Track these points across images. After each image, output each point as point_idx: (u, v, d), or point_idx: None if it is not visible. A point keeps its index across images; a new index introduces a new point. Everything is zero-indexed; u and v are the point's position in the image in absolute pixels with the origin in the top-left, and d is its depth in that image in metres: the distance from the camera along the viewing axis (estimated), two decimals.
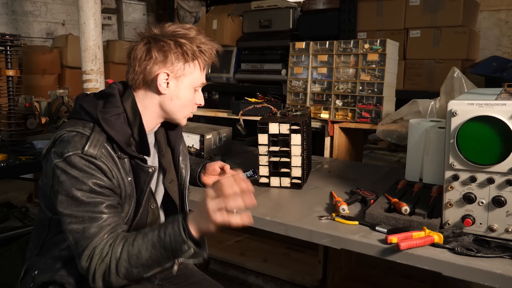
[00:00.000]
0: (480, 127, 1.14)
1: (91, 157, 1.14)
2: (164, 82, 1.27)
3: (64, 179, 1.13)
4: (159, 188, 1.43)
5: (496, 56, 3.29)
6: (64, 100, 2.62)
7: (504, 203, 1.14)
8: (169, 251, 1.09)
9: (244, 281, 2.54)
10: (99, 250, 1.11)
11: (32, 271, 1.25)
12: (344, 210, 1.36)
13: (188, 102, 1.33)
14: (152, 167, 1.27)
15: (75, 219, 1.12)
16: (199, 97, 1.37)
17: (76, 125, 1.20)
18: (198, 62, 1.31)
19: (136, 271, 1.12)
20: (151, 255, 1.10)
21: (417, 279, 2.41)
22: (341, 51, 2.23)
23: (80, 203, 1.12)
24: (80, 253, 1.12)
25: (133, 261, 1.10)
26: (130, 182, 1.24)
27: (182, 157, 1.48)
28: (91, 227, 1.11)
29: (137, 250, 1.10)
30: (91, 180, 1.13)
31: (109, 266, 1.10)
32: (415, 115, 2.02)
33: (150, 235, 1.12)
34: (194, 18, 5.49)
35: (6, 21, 4.76)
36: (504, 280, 1.01)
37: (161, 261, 1.11)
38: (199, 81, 1.33)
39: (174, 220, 1.11)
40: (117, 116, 1.24)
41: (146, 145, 1.28)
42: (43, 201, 1.28)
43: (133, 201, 1.26)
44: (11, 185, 3.78)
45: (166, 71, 1.26)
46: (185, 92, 1.31)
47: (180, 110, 1.33)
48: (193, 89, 1.33)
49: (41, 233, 1.28)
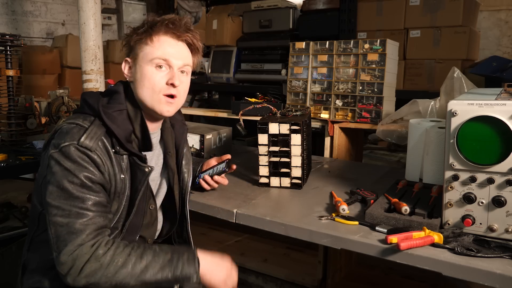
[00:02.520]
0: (480, 127, 1.14)
1: (86, 148, 1.14)
2: (126, 68, 1.31)
3: (56, 170, 1.13)
4: (161, 190, 1.42)
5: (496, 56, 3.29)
6: (64, 100, 2.62)
7: (504, 203, 1.14)
8: (177, 276, 1.14)
9: (244, 281, 2.54)
10: (90, 249, 1.09)
11: (28, 270, 1.26)
12: (344, 210, 1.36)
13: (151, 81, 1.25)
14: (148, 167, 1.26)
15: (61, 211, 1.11)
16: (170, 75, 1.26)
17: (77, 118, 1.21)
18: (151, 35, 1.26)
19: (132, 283, 1.11)
20: (156, 276, 1.13)
21: (417, 279, 2.41)
22: (341, 51, 2.23)
23: (69, 196, 1.11)
24: (61, 248, 1.09)
25: (135, 274, 1.11)
26: (122, 179, 1.22)
27: (185, 161, 1.46)
28: (76, 223, 1.10)
29: (145, 265, 1.12)
30: (83, 173, 1.13)
31: (105, 268, 1.09)
32: (415, 115, 2.02)
33: (162, 256, 1.15)
34: (194, 18, 5.49)
35: (6, 21, 4.76)
36: (504, 280, 1.01)
37: (162, 283, 1.14)
38: (153, 54, 1.25)
39: (189, 251, 1.20)
40: (120, 112, 1.24)
41: (149, 141, 1.28)
42: (36, 196, 1.28)
43: (124, 200, 1.24)
44: (11, 185, 3.78)
45: (126, 58, 1.31)
46: (143, 70, 1.25)
47: (148, 94, 1.25)
48: (152, 66, 1.25)
49: (31, 229, 1.28)
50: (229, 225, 1.62)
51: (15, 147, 2.31)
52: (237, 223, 1.45)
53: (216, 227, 2.98)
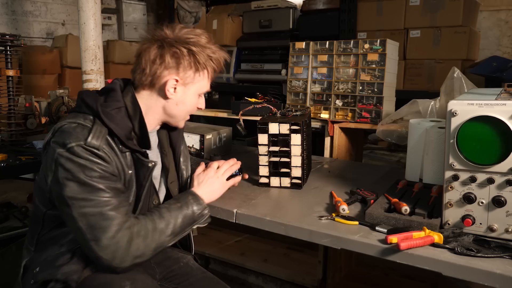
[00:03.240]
0: (480, 127, 1.14)
1: (94, 148, 1.16)
2: (172, 87, 1.30)
3: (70, 166, 1.14)
4: (161, 188, 1.44)
5: (496, 56, 3.29)
6: (64, 100, 2.62)
7: (504, 203, 1.14)
8: (193, 217, 1.31)
9: (244, 281, 2.54)
10: (128, 230, 1.15)
11: (32, 268, 1.25)
12: (344, 210, 1.36)
13: (192, 108, 1.38)
14: (152, 162, 1.29)
15: (89, 202, 1.13)
16: (201, 101, 1.41)
17: (77, 117, 1.21)
18: (207, 71, 1.34)
19: (167, 240, 1.23)
20: (180, 225, 1.26)
21: (417, 279, 2.41)
22: (341, 51, 2.23)
23: (92, 189, 1.14)
24: (99, 235, 1.12)
25: (164, 232, 1.22)
26: (130, 175, 1.26)
27: (183, 158, 1.49)
28: (107, 210, 1.14)
29: (167, 221, 1.24)
30: (97, 166, 1.16)
31: (145, 240, 1.17)
32: (415, 115, 2.02)
33: (174, 208, 1.28)
34: (194, 18, 5.48)
35: (6, 21, 4.76)
36: (504, 280, 1.01)
37: (185, 228, 1.29)
38: (205, 88, 1.37)
39: (190, 194, 1.35)
40: (118, 110, 1.25)
41: (147, 139, 1.30)
42: (38, 197, 1.28)
43: (132, 195, 1.27)
44: (11, 185, 3.77)
45: (176, 78, 1.29)
46: (191, 98, 1.35)
47: (182, 115, 1.37)
48: (198, 96, 1.37)
49: (36, 229, 1.29)
50: (229, 225, 1.62)
51: (15, 147, 2.31)
52: (237, 223, 1.45)
53: (216, 227, 2.98)
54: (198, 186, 1.40)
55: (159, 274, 1.47)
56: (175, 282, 1.46)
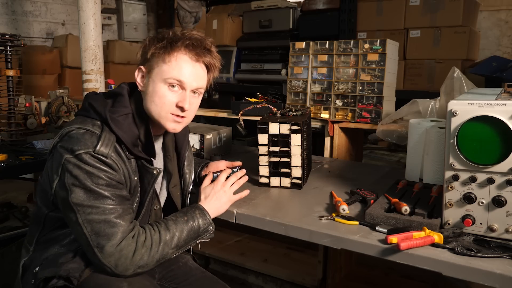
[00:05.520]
0: (480, 127, 1.14)
1: (102, 155, 1.16)
2: (139, 77, 1.28)
3: (78, 173, 1.14)
4: (162, 191, 1.44)
5: (496, 56, 3.29)
6: (64, 100, 2.62)
7: (504, 203, 1.14)
8: (198, 231, 1.30)
9: (244, 281, 2.54)
10: (133, 239, 1.15)
11: (32, 268, 1.25)
12: (344, 210, 1.36)
13: (161, 100, 1.24)
14: (157, 169, 1.29)
15: (95, 209, 1.14)
16: (180, 97, 1.25)
17: (85, 123, 1.21)
18: (169, 53, 1.23)
19: (170, 252, 1.23)
20: (184, 238, 1.26)
21: (417, 279, 2.41)
22: (341, 51, 2.23)
23: (98, 196, 1.14)
24: (104, 243, 1.13)
25: (169, 244, 1.22)
26: (135, 181, 1.26)
27: (187, 163, 1.48)
28: (112, 218, 1.14)
29: (173, 233, 1.23)
30: (104, 174, 1.16)
31: (150, 250, 1.17)
32: (415, 115, 2.02)
33: (180, 221, 1.27)
34: (194, 18, 5.49)
35: (6, 21, 4.76)
36: (504, 280, 1.01)
37: (189, 242, 1.28)
38: (168, 73, 1.22)
39: (197, 208, 1.34)
40: (125, 116, 1.25)
41: (152, 147, 1.29)
42: (41, 198, 1.28)
43: (135, 201, 1.27)
44: (11, 185, 3.78)
45: (141, 66, 1.28)
46: (156, 86, 1.24)
47: (156, 109, 1.25)
48: (165, 84, 1.23)
49: (36, 229, 1.29)
50: (229, 225, 1.62)
51: (15, 147, 2.31)
52: (237, 223, 1.45)
53: (216, 227, 2.98)
54: (205, 200, 1.39)
55: (158, 273, 1.46)
56: (175, 282, 1.46)
